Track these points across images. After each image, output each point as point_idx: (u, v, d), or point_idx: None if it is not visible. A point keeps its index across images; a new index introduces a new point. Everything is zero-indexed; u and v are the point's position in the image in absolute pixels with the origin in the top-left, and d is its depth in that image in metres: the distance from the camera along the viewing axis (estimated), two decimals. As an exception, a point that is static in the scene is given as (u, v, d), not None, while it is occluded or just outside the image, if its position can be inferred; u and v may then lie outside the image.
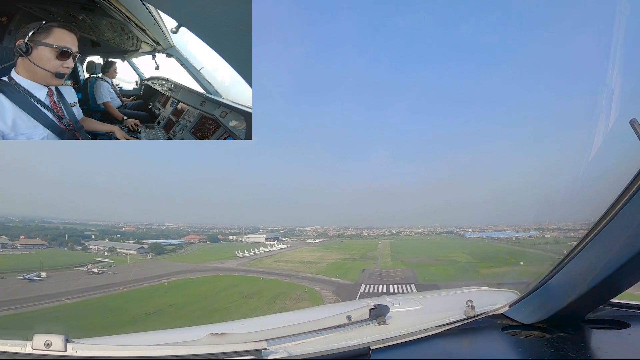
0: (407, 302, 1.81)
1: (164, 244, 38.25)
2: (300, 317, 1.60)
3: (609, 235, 1.21)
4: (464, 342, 1.52)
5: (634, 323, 1.52)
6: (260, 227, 38.71)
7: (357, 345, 1.34)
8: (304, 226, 37.53)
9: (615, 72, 1.50)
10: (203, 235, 39.26)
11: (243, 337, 1.29)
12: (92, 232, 37.86)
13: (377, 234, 37.34)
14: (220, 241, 40.34)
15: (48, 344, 1.09)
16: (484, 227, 34.42)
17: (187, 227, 39.58)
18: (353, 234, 37.98)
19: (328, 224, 37.80)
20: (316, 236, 37.68)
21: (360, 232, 37.08)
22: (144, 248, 37.36)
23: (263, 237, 37.55)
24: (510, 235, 31.85)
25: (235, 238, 38.77)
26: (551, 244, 22.12)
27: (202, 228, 39.17)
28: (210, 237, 39.62)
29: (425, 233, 37.94)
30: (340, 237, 39.24)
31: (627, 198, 1.12)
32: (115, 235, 38.28)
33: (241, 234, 37.04)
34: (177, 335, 1.51)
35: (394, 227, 37.37)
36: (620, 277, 1.24)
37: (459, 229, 35.84)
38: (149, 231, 39.36)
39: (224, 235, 39.36)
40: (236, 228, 37.93)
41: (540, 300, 1.55)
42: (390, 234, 38.06)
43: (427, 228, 36.91)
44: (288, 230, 39.42)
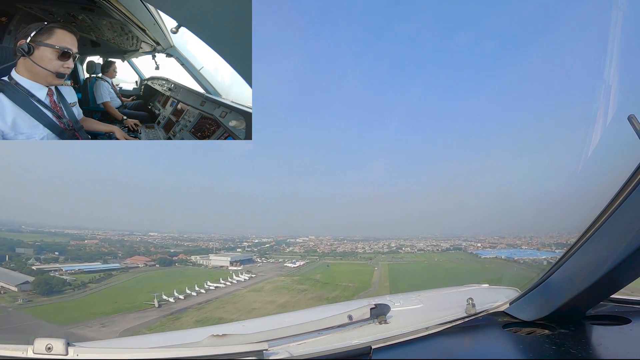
0: (408, 300, 1.81)
1: (84, 270, 24.96)
2: (301, 317, 1.61)
3: (608, 231, 1.22)
4: (465, 340, 1.53)
5: (635, 319, 1.52)
6: (250, 238, 30.21)
7: (358, 344, 1.34)
8: (296, 237, 30.13)
9: (613, 68, 1.51)
10: (158, 256, 27.90)
11: (244, 338, 1.29)
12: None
13: (374, 249, 29.59)
14: (174, 264, 28.16)
15: (49, 347, 1.09)
16: (487, 237, 28.34)
17: (170, 238, 30.01)
18: (346, 251, 29.75)
19: (323, 233, 29.90)
20: (301, 255, 29.22)
21: (355, 247, 29.36)
22: (27, 284, 22.43)
23: (228, 259, 27.65)
24: (533, 255, 23.59)
25: (197, 259, 27.80)
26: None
27: (188, 238, 30.27)
28: (162, 260, 27.70)
29: (430, 249, 29.23)
30: (330, 255, 29.27)
31: (627, 193, 1.12)
32: (63, 249, 26.37)
33: (212, 251, 29.04)
34: (178, 337, 1.51)
35: (393, 238, 29.95)
36: (620, 273, 1.24)
37: (465, 242, 28.67)
38: (117, 243, 28.57)
39: (191, 252, 28.89)
40: (223, 240, 29.81)
41: (541, 297, 1.56)
42: (389, 251, 29.46)
43: (430, 241, 29.34)
44: (277, 241, 30.54)
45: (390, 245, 29.66)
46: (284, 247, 30.20)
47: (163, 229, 29.73)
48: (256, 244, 29.98)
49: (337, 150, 45.37)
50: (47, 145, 23.31)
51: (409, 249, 29.32)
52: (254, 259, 28.30)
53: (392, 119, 45.18)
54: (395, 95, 44.62)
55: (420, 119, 43.52)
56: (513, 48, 42.33)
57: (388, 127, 45.64)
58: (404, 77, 45.29)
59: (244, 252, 29.16)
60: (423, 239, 29.62)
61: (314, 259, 28.43)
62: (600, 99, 1.52)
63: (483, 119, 42.54)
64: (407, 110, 42.63)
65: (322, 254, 29.50)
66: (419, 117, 44.00)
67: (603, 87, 1.51)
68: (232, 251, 29.09)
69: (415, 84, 45.31)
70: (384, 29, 43.20)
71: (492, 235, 25.55)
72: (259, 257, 28.65)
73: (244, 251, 29.28)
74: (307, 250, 29.82)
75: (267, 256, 28.97)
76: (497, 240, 27.02)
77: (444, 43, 42.56)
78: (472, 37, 41.00)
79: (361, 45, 44.83)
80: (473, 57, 42.55)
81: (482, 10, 44.91)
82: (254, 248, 29.66)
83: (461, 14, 41.69)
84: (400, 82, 45.02)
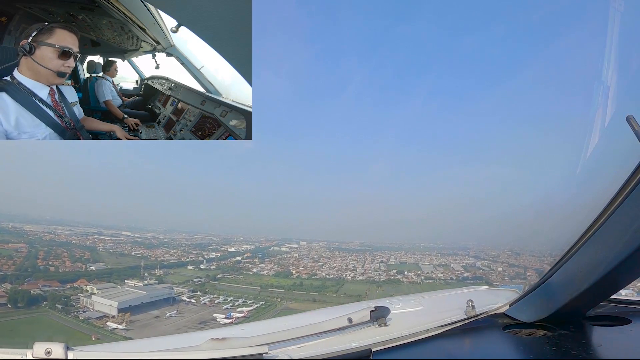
0: (408, 303, 1.81)
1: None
2: (301, 320, 1.61)
3: (608, 231, 1.22)
4: (465, 342, 1.53)
5: (635, 319, 1.53)
6: (230, 243, 22.56)
7: (358, 347, 1.34)
8: (284, 243, 22.82)
9: (611, 68, 1.51)
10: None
11: (244, 342, 1.30)
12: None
13: (367, 270, 21.12)
14: (42, 303, 16.20)
15: (48, 352, 1.09)
16: (495, 249, 20.63)
17: (156, 237, 22.03)
18: (329, 276, 20.82)
19: (317, 237, 23.10)
20: (261, 287, 20.00)
21: (346, 266, 21.20)
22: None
23: (115, 305, 15.99)
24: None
25: (92, 289, 16.90)
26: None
27: (175, 241, 22.38)
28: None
29: (441, 277, 21.19)
30: (306, 282, 20.57)
31: (626, 194, 1.12)
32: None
33: (163, 264, 20.36)
34: (178, 341, 1.51)
35: (392, 248, 22.71)
36: (620, 274, 1.24)
37: (478, 260, 21.37)
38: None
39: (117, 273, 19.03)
40: (191, 246, 21.68)
41: (541, 299, 1.56)
42: (386, 279, 21.06)
43: (435, 257, 21.99)
44: (254, 251, 22.34)
45: (389, 264, 21.69)
46: (254, 263, 21.52)
47: (160, 226, 23.66)
48: (221, 257, 21.61)
49: (337, 151, 44.19)
50: (48, 145, 22.42)
51: (413, 275, 21.17)
52: (182, 296, 18.33)
53: (393, 120, 44.84)
54: (398, 97, 44.19)
55: (421, 119, 43.07)
56: (513, 50, 42.06)
57: (389, 128, 45.26)
58: (408, 80, 44.91)
59: (195, 270, 20.27)
60: (426, 250, 22.51)
61: (273, 301, 19.12)
62: (598, 99, 1.52)
63: (483, 119, 42.14)
64: (409, 111, 42.20)
65: (295, 281, 20.43)
66: (420, 117, 43.52)
67: (601, 88, 1.51)
68: (182, 267, 20.42)
69: (419, 87, 44.88)
70: (388, 29, 42.89)
71: (499, 248, 19.96)
72: (189, 293, 18.78)
73: (197, 270, 20.35)
74: (281, 269, 21.19)
75: (217, 281, 19.88)
76: (515, 261, 19.88)
77: (448, 48, 42.22)
78: (475, 42, 40.80)
79: (364, 45, 44.53)
80: (476, 63, 42.31)
81: (482, 13, 44.64)
82: (215, 264, 21.18)
83: (461, 19, 41.41)
84: (403, 84, 44.67)
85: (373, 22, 43.51)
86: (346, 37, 43.96)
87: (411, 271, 20.96)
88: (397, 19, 42.66)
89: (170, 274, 20.06)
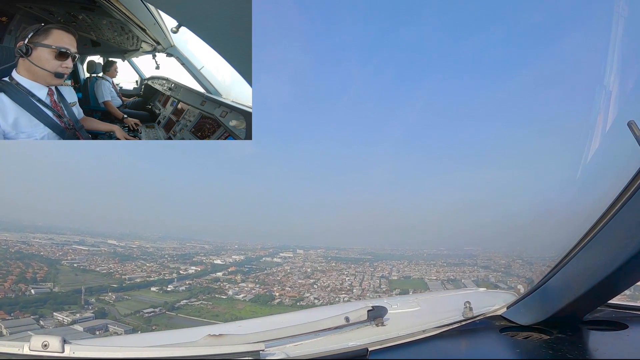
0: (405, 303, 1.81)
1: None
2: (298, 318, 1.61)
3: (607, 236, 1.21)
4: (462, 343, 1.53)
5: (632, 324, 1.52)
6: (232, 246, 20.33)
7: (355, 346, 1.35)
8: (278, 253, 20.26)
9: (613, 73, 1.50)
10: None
11: (241, 339, 1.30)
12: None
13: (365, 289, 18.22)
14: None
15: (45, 345, 1.10)
16: (500, 255, 18.27)
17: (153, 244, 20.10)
18: (324, 301, 17.82)
19: (316, 245, 20.70)
20: (250, 301, 16.85)
21: (342, 283, 18.41)
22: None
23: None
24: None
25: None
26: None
27: (161, 251, 19.63)
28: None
29: None
30: (295, 306, 17.29)
31: (625, 199, 1.12)
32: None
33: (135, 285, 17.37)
34: (175, 337, 1.51)
35: (393, 258, 20.56)
36: (618, 279, 1.24)
37: (488, 271, 19.23)
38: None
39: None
40: (177, 256, 18.90)
41: (538, 302, 1.56)
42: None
43: (440, 265, 19.82)
44: (241, 263, 19.68)
45: (390, 279, 19.20)
46: (234, 281, 18.46)
47: (154, 230, 21.69)
48: (200, 273, 18.63)
49: (337, 152, 43.35)
50: (45, 144, 21.36)
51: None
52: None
53: (395, 122, 44.55)
54: (400, 98, 43.72)
55: (422, 123, 42.69)
56: (514, 54, 41.83)
57: (390, 129, 44.91)
58: (410, 81, 44.50)
59: (158, 294, 17.09)
60: (430, 259, 20.31)
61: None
62: (600, 104, 1.52)
63: (484, 123, 41.81)
64: (409, 114, 41.86)
65: (272, 310, 16.77)
66: (421, 121, 43.08)
67: (603, 93, 1.50)
68: (145, 289, 17.28)
69: (420, 90, 44.49)
70: (389, 31, 42.59)
71: (507, 256, 18.08)
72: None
73: (160, 293, 17.23)
74: (263, 290, 17.94)
75: (175, 312, 16.31)
76: (530, 273, 17.92)
77: (448, 52, 41.95)
78: (476, 46, 40.61)
79: (365, 46, 44.21)
80: (478, 66, 42.10)
81: (483, 17, 44.34)
82: (188, 282, 18.02)
83: (461, 23, 41.19)
84: (405, 85, 44.33)
85: (373, 25, 43.31)
86: (347, 40, 43.73)
87: (417, 290, 17.51)
88: (398, 22, 42.44)
89: (123, 299, 16.41)
